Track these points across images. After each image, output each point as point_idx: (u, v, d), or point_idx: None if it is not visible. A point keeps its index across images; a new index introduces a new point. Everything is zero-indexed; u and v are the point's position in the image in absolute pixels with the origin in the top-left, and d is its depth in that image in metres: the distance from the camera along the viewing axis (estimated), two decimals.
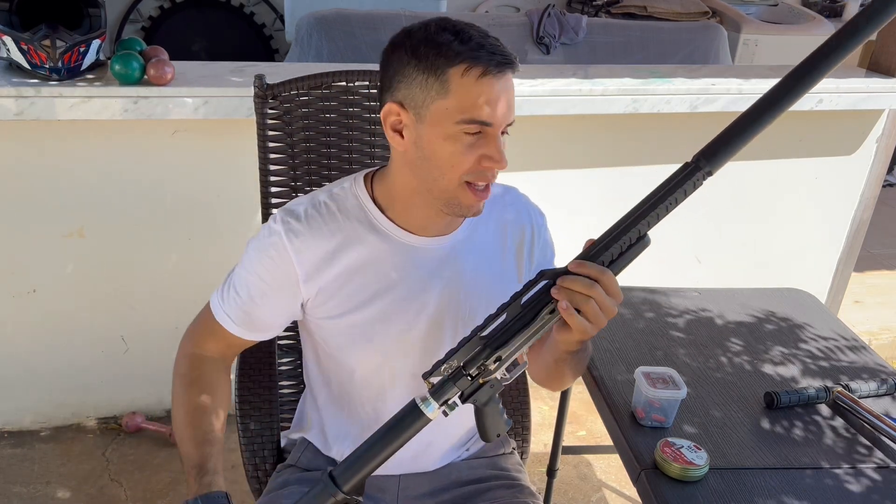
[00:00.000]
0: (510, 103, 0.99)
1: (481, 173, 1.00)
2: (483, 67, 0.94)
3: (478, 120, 0.96)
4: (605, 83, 2.14)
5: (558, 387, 1.18)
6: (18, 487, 2.02)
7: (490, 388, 0.93)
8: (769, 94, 0.83)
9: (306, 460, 1.27)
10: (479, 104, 0.96)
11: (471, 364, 0.91)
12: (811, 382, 1.48)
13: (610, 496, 2.16)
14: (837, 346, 1.63)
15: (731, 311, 1.74)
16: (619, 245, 0.89)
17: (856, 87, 2.35)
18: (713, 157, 0.85)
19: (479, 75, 0.95)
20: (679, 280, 2.01)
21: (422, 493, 1.24)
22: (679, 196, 0.87)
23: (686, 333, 1.63)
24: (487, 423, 0.96)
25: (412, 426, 0.90)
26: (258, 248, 1.10)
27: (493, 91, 0.96)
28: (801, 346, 1.62)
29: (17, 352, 2.15)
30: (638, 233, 0.89)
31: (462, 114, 0.96)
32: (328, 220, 1.09)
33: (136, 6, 4.30)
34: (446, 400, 0.90)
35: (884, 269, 3.53)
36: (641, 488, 1.22)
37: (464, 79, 0.95)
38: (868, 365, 1.57)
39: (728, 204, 2.54)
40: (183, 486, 2.06)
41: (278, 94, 1.41)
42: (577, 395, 2.41)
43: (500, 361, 0.91)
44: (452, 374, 0.91)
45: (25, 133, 1.91)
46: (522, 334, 0.90)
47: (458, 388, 0.91)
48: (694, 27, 3.58)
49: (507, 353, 0.91)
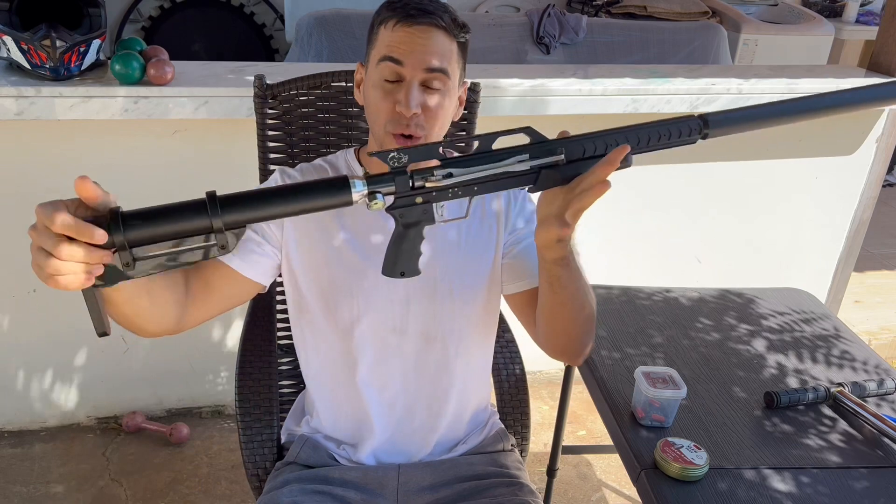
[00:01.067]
0: (426, 54, 1.05)
1: (396, 121, 1.07)
2: (397, 18, 1.06)
3: (387, 56, 1.06)
4: (605, 83, 2.14)
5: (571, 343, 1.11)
6: (18, 487, 2.02)
7: (423, 213, 0.87)
8: (800, 100, 0.86)
9: (306, 456, 1.28)
10: (390, 46, 1.06)
11: (419, 173, 0.86)
12: (811, 382, 1.48)
13: (610, 496, 2.16)
14: (837, 346, 1.63)
15: (731, 311, 1.74)
16: (603, 142, 0.88)
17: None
18: (716, 122, 0.89)
19: (394, 24, 1.06)
20: (679, 280, 2.01)
21: (422, 487, 1.25)
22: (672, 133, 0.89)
23: (686, 333, 1.63)
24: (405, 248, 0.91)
25: (331, 195, 0.82)
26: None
27: (404, 38, 1.05)
28: (801, 345, 1.62)
29: (17, 352, 2.15)
30: (625, 140, 0.88)
31: (378, 54, 1.07)
32: (322, 174, 1.18)
33: (136, 6, 4.30)
34: (376, 192, 0.83)
35: (884, 269, 3.53)
36: (641, 488, 1.22)
37: (384, 28, 1.07)
38: (868, 365, 1.57)
39: (728, 204, 2.54)
40: (183, 487, 2.06)
41: (278, 94, 1.41)
42: (577, 395, 2.41)
43: (449, 178, 0.86)
44: (396, 169, 0.85)
45: (25, 133, 1.91)
46: (484, 167, 0.86)
47: (394, 186, 0.84)
48: (694, 27, 3.58)
49: (461, 177, 0.85)
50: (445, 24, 1.06)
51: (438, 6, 1.07)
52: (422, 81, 1.06)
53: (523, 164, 0.87)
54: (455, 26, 1.08)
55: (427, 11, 1.06)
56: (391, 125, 1.07)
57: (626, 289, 1.81)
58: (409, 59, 1.05)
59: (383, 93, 1.07)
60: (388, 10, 1.08)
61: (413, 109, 1.05)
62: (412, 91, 1.05)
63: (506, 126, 0.90)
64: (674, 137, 0.89)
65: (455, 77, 1.10)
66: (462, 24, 1.10)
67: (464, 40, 1.10)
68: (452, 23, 1.08)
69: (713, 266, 2.63)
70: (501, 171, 0.87)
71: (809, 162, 2.56)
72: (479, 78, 1.62)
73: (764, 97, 2.26)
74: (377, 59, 1.07)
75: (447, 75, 1.07)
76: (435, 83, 1.07)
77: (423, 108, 1.06)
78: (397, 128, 1.07)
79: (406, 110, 1.05)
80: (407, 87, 1.06)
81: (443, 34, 1.06)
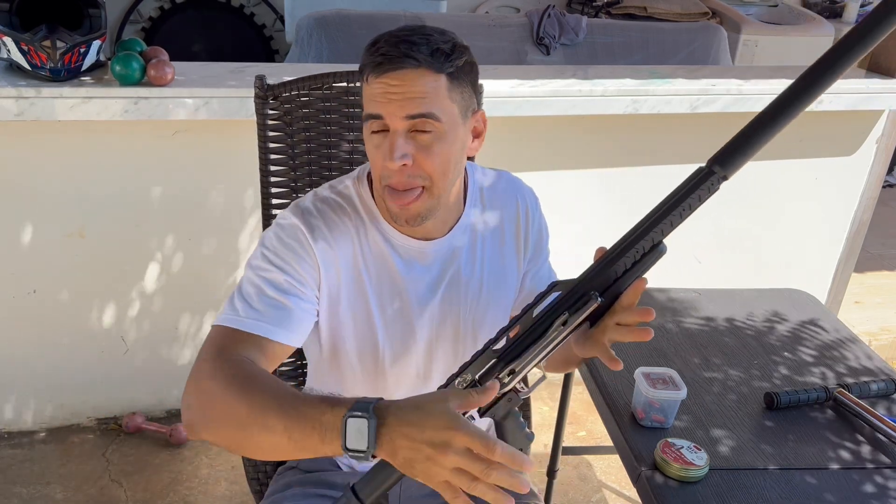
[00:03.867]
0: (405, 101, 0.96)
1: (386, 175, 1.01)
2: (368, 70, 0.98)
3: (368, 114, 0.99)
4: (605, 83, 2.14)
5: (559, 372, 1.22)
6: (18, 488, 2.02)
7: (508, 402, 0.90)
8: (784, 95, 0.81)
9: (308, 462, 1.27)
10: (369, 102, 0.99)
11: (486, 378, 0.89)
12: (811, 383, 1.48)
13: (610, 496, 2.16)
14: (837, 346, 1.63)
15: (731, 311, 1.74)
16: (633, 253, 0.87)
17: (856, 88, 2.35)
18: (728, 161, 0.82)
19: (368, 76, 0.98)
20: (679, 280, 2.01)
21: (423, 493, 1.24)
22: (693, 202, 0.84)
23: (686, 333, 1.63)
24: (508, 439, 0.93)
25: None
26: (277, 243, 1.05)
27: (379, 89, 0.97)
28: (802, 346, 1.62)
29: (17, 352, 2.15)
30: (651, 241, 0.86)
31: (364, 111, 1.00)
32: (339, 216, 1.09)
33: (137, 7, 4.30)
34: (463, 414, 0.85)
35: (884, 269, 3.53)
36: (641, 489, 1.22)
37: (364, 81, 1.00)
38: (868, 365, 1.57)
39: (728, 204, 2.54)
40: (182, 487, 2.06)
41: (279, 95, 1.41)
42: (577, 396, 2.41)
43: (514, 374, 0.88)
44: (467, 388, 0.88)
45: (26, 134, 1.91)
46: (535, 346, 0.89)
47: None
48: (694, 28, 3.58)
49: (521, 366, 0.89)
50: (422, 60, 0.95)
51: (417, 38, 0.96)
52: (408, 129, 0.98)
53: (568, 327, 0.88)
54: (438, 58, 0.96)
55: (397, 56, 0.95)
56: (385, 179, 1.01)
57: None
58: (387, 110, 0.97)
59: (373, 147, 1.01)
60: (366, 55, 0.99)
61: (398, 162, 0.97)
62: (396, 142, 0.97)
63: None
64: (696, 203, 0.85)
65: (449, 114, 0.99)
66: (449, 52, 0.97)
67: (453, 69, 0.98)
68: (433, 56, 0.96)
69: (713, 266, 2.63)
70: (550, 340, 0.88)
71: (809, 163, 2.56)
72: (479, 79, 1.62)
73: (764, 97, 2.26)
74: (364, 116, 1.01)
75: (435, 118, 0.97)
76: (425, 127, 0.98)
77: (414, 157, 0.98)
78: (387, 181, 1.01)
79: (391, 163, 0.97)
80: (390, 138, 0.98)
81: (423, 72, 0.95)
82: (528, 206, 1.21)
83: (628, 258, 0.87)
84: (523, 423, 0.95)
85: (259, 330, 0.99)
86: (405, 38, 0.96)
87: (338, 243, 1.07)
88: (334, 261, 1.07)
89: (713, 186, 0.83)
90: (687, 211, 0.85)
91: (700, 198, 0.84)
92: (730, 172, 0.83)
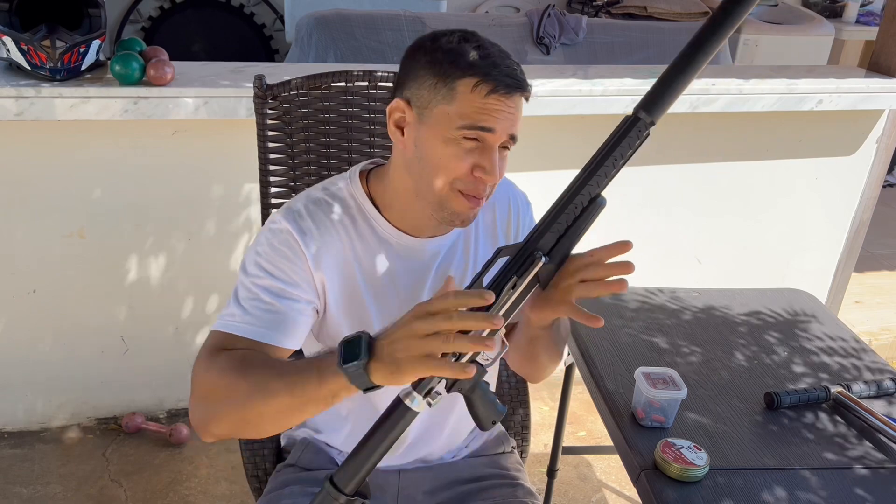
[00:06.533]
0: (514, 122, 1.00)
1: (472, 184, 1.01)
2: (492, 85, 0.97)
3: (478, 126, 0.97)
4: (605, 83, 2.14)
5: (535, 372, 1.18)
6: (18, 487, 2.02)
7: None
8: (697, 37, 0.83)
9: (307, 459, 1.28)
10: (482, 114, 0.97)
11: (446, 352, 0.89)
12: (811, 383, 1.48)
13: (610, 496, 2.16)
14: (837, 346, 1.63)
15: (731, 311, 1.74)
16: (573, 209, 0.87)
17: (856, 88, 2.35)
18: (652, 107, 0.84)
19: (488, 92, 0.97)
20: (679, 280, 2.01)
21: (422, 491, 1.24)
22: (625, 151, 0.86)
23: (686, 333, 1.63)
24: (479, 412, 0.95)
25: (400, 421, 0.88)
26: (269, 249, 1.05)
27: (497, 108, 0.97)
28: (801, 346, 1.62)
29: (16, 352, 2.15)
30: (589, 195, 0.87)
31: (463, 120, 0.98)
32: (331, 218, 1.09)
33: (136, 6, 4.30)
34: (429, 390, 0.88)
35: (884, 269, 3.53)
36: (641, 489, 1.22)
37: (472, 92, 0.97)
38: (868, 365, 1.57)
39: (728, 204, 2.54)
40: (182, 487, 2.06)
41: (278, 95, 1.41)
42: (577, 396, 2.41)
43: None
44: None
45: (25, 133, 1.91)
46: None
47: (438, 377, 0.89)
48: (694, 27, 3.56)
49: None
50: (529, 93, 1.01)
51: (520, 69, 1.01)
52: (500, 146, 1.02)
53: (517, 289, 0.88)
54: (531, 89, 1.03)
55: (521, 83, 0.99)
56: (462, 184, 1.01)
57: None
58: (499, 128, 0.98)
59: (462, 152, 0.99)
60: (475, 70, 0.97)
61: (496, 177, 1.00)
62: (497, 158, 1.00)
63: None
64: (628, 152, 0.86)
65: None
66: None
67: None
68: (530, 87, 1.02)
69: (713, 266, 2.63)
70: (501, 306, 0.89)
71: (810, 162, 2.56)
72: None
73: (764, 97, 2.26)
74: (459, 122, 0.98)
75: (516, 140, 1.03)
76: (509, 145, 1.03)
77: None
78: (472, 189, 1.01)
79: (492, 178, 1.00)
80: (491, 150, 1.00)
81: (524, 100, 1.02)
82: (519, 206, 1.23)
83: (568, 215, 0.88)
84: (493, 396, 0.96)
85: (255, 335, 1.02)
86: (517, 70, 1.00)
87: (329, 244, 1.07)
88: (326, 261, 1.07)
89: (642, 133, 0.85)
90: (620, 160, 0.86)
91: (630, 145, 0.86)
92: (656, 117, 0.85)
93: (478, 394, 0.93)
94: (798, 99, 2.31)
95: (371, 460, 0.89)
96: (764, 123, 2.43)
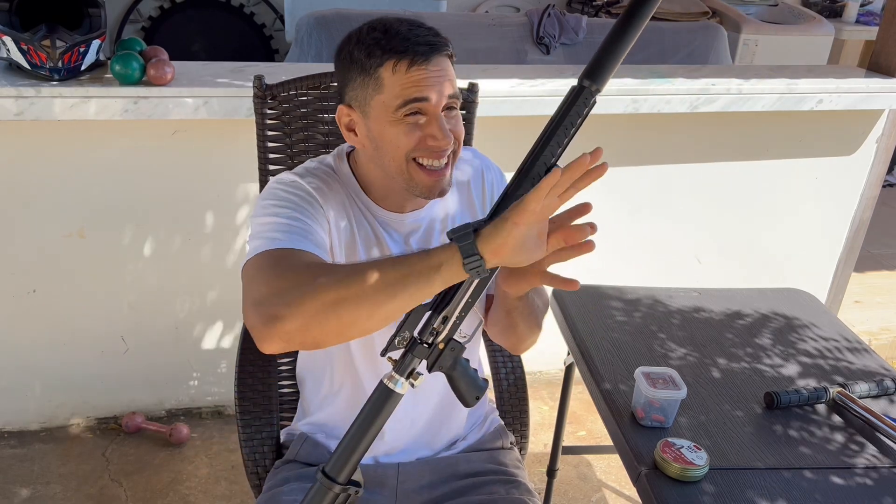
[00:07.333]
0: (445, 83, 1.03)
1: (428, 150, 1.04)
2: (409, 59, 1.01)
3: (412, 99, 1.01)
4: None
5: (517, 343, 1.20)
6: (18, 487, 2.02)
7: (451, 351, 0.94)
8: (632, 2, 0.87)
9: (305, 454, 1.28)
10: (411, 89, 1.01)
11: (423, 332, 0.92)
12: (811, 382, 1.48)
13: (610, 496, 2.16)
14: (837, 346, 1.63)
15: (731, 311, 1.74)
16: (531, 180, 0.89)
17: (856, 87, 2.35)
18: (596, 74, 0.87)
19: (407, 67, 1.01)
20: (679, 280, 2.01)
21: (420, 485, 1.25)
22: (574, 119, 0.88)
23: (686, 333, 1.63)
24: (462, 388, 0.98)
25: (386, 406, 0.91)
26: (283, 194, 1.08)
27: (422, 77, 1.01)
28: (801, 346, 1.62)
29: (17, 352, 2.15)
30: (544, 165, 0.89)
31: (397, 100, 1.02)
32: (328, 182, 1.13)
33: (136, 6, 4.30)
34: (411, 372, 0.91)
35: (884, 269, 3.53)
36: (641, 488, 1.22)
37: (394, 74, 1.02)
38: (868, 365, 1.57)
39: (728, 204, 2.54)
40: (182, 487, 2.06)
41: (277, 95, 1.41)
42: (577, 395, 2.41)
43: (447, 320, 0.92)
44: (409, 346, 0.92)
45: (25, 133, 1.91)
46: (461, 290, 0.91)
47: (418, 357, 0.92)
48: (694, 27, 3.58)
49: (451, 311, 0.92)
50: (450, 50, 1.05)
51: (434, 31, 1.05)
52: (443, 107, 1.05)
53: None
54: (451, 46, 1.06)
55: (435, 45, 1.03)
56: (419, 153, 1.05)
57: (626, 288, 1.81)
58: (433, 94, 1.02)
59: (409, 128, 1.04)
60: (385, 51, 1.02)
61: (450, 138, 1.04)
62: (443, 124, 1.04)
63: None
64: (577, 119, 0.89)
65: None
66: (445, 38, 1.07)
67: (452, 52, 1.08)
68: (449, 44, 1.06)
69: (713, 266, 2.63)
70: (471, 282, 0.91)
71: (809, 162, 2.56)
72: (479, 78, 1.62)
73: (763, 97, 2.26)
74: (396, 105, 1.02)
75: (458, 95, 1.07)
76: (454, 104, 1.06)
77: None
78: (427, 156, 1.05)
79: (444, 142, 1.04)
80: (435, 119, 1.04)
81: (448, 59, 1.05)
82: (494, 179, 1.26)
83: (525, 186, 0.89)
84: (473, 372, 0.99)
85: (291, 244, 1.00)
86: (418, 25, 1.04)
87: (331, 200, 1.12)
88: (331, 214, 1.11)
89: (588, 100, 0.88)
90: (570, 128, 0.89)
91: (579, 113, 0.89)
92: (601, 85, 0.88)
93: (459, 370, 0.97)
94: (798, 99, 2.31)
95: (360, 447, 0.91)
96: (764, 123, 2.43)
